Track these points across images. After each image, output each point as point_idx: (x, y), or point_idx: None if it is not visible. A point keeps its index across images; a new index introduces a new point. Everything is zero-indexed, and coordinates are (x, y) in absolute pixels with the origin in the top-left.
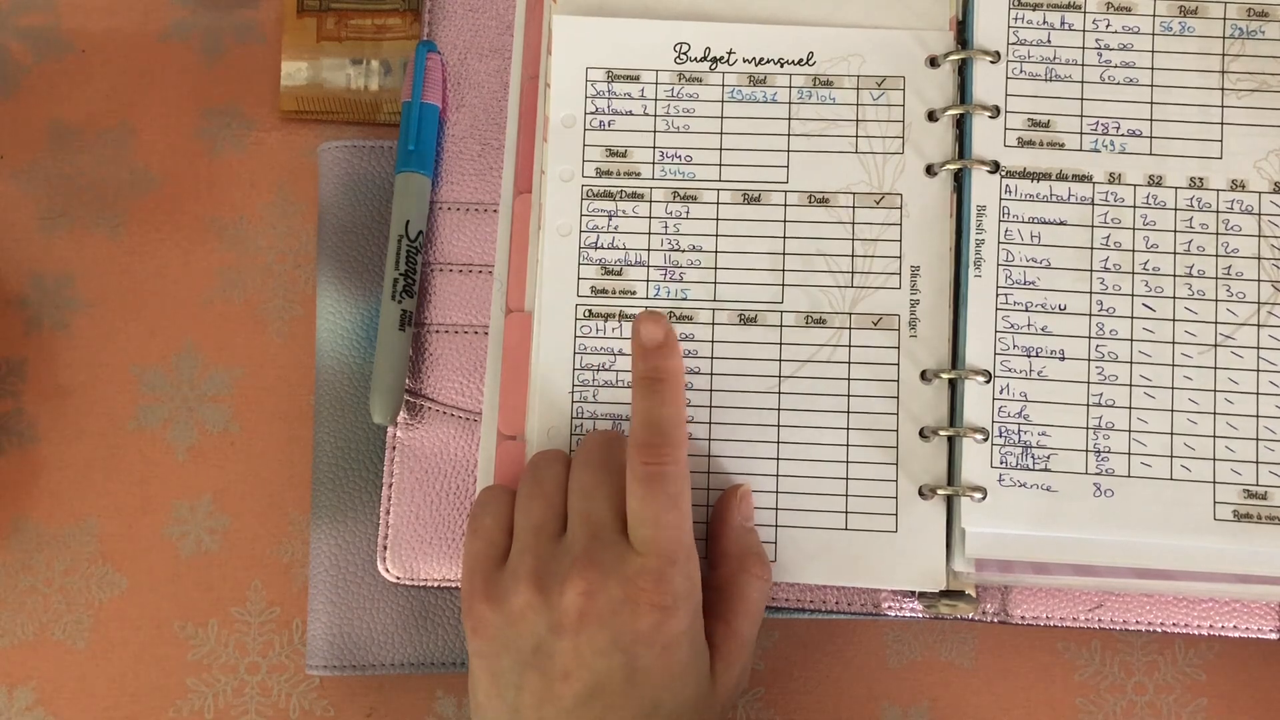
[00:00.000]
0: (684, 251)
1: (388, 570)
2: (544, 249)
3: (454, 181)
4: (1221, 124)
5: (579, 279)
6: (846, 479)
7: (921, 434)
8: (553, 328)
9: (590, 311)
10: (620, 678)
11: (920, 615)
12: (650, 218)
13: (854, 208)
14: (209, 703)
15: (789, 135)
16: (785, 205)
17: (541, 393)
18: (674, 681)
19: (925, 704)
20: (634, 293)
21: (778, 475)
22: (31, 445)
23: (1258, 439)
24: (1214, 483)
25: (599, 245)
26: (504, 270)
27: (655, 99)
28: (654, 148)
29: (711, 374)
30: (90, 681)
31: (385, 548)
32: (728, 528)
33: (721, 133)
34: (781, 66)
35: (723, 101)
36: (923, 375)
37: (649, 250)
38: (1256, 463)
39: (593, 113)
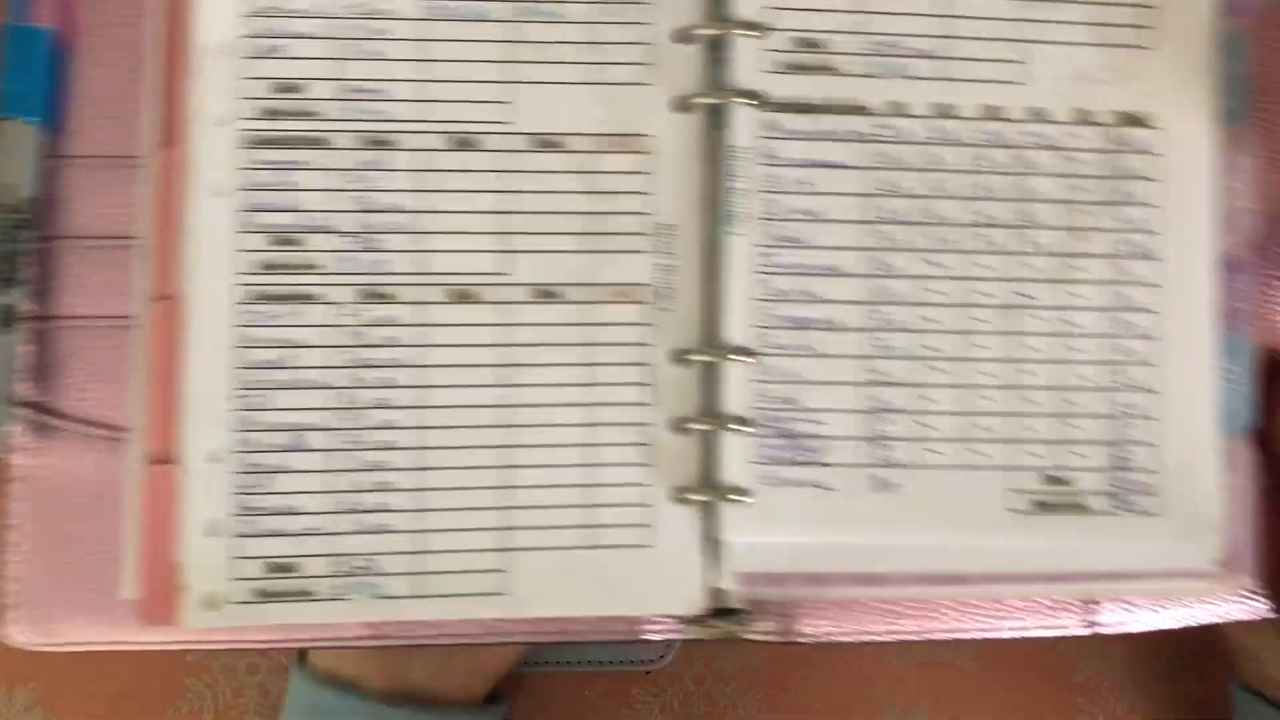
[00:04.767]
0: (380, 213)
1: (21, 634)
2: (195, 214)
3: (85, 131)
4: (1023, 41)
5: (241, 251)
6: (590, 486)
7: (675, 427)
8: (209, 316)
9: (259, 293)
10: None
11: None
12: (335, 170)
13: (591, 153)
14: (209, 703)
15: (509, 62)
16: (506, 151)
17: (198, 403)
18: None
19: (925, 704)
20: (316, 266)
21: (508, 487)
22: None
23: (1060, 415)
24: (1010, 469)
25: (267, 207)
26: (150, 245)
27: (337, 16)
28: (337, 80)
29: (420, 366)
30: (90, 681)
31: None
32: None
33: (425, 59)
34: None
35: (425, 21)
36: (676, 356)
37: (334, 212)
38: (1059, 442)
39: (253, 36)
